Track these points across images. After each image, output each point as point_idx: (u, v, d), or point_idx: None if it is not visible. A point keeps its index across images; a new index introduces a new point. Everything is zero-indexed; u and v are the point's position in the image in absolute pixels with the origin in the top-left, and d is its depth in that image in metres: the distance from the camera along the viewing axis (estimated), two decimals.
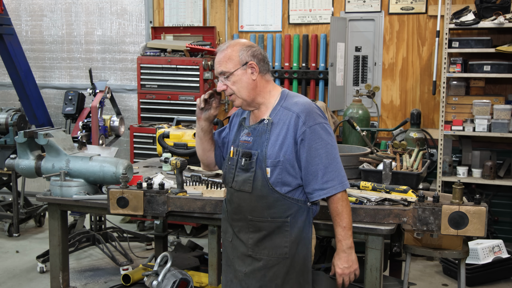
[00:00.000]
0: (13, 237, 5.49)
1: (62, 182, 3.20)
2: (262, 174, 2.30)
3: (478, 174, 4.93)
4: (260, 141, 2.34)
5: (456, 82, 5.02)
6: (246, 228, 2.39)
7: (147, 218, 3.67)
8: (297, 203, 2.34)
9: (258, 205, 2.34)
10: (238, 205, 2.40)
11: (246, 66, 2.32)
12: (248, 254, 2.39)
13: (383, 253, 2.69)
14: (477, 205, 2.51)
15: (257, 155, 2.31)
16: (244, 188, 2.35)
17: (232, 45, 2.35)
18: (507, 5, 4.72)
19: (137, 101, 5.85)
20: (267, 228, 2.35)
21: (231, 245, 2.47)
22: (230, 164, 2.44)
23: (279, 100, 2.38)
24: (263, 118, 2.37)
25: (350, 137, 5.17)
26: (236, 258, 2.44)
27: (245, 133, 2.42)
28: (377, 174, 3.19)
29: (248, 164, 2.33)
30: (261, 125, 2.35)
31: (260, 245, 2.36)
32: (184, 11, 6.17)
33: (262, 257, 2.36)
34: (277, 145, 2.30)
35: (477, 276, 4.34)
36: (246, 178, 2.34)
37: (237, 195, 2.40)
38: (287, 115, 2.31)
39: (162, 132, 3.91)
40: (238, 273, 2.43)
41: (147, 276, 3.17)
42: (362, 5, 5.56)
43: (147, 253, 5.09)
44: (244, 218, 2.39)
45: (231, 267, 2.48)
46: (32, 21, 6.85)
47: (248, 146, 2.38)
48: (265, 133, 2.33)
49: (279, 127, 2.31)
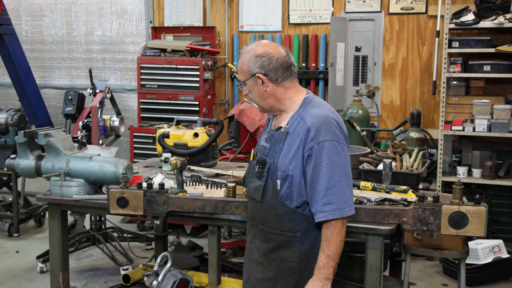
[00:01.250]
0: (13, 237, 5.49)
1: (62, 182, 3.19)
2: (273, 185, 2.22)
3: (478, 174, 4.93)
4: (274, 150, 2.24)
5: (456, 82, 5.02)
6: (259, 236, 2.35)
7: (147, 218, 3.66)
8: (307, 219, 2.23)
9: (268, 216, 2.27)
10: (252, 212, 2.39)
11: (255, 77, 2.24)
12: (260, 261, 2.35)
13: (383, 253, 2.69)
14: (477, 205, 2.51)
15: (270, 164, 2.23)
16: (255, 196, 2.30)
17: (246, 52, 2.27)
18: (507, 5, 4.72)
19: (137, 101, 5.85)
20: (276, 241, 2.27)
21: (249, 247, 2.45)
22: (249, 167, 2.39)
23: (299, 108, 2.25)
24: (280, 125, 2.26)
25: (350, 137, 5.16)
26: (252, 262, 2.42)
27: (264, 138, 2.35)
28: (377, 174, 3.19)
29: (261, 172, 2.25)
30: (278, 133, 2.25)
31: (270, 256, 2.30)
32: (184, 11, 6.18)
33: (271, 268, 2.30)
34: (288, 157, 2.19)
35: (477, 276, 4.34)
36: (258, 186, 2.28)
37: (250, 201, 2.38)
38: (301, 126, 2.18)
39: (162, 132, 3.91)
40: (252, 276, 2.41)
41: (147, 276, 3.17)
42: (362, 5, 5.56)
43: (147, 253, 5.09)
44: (255, 225, 2.37)
45: (247, 268, 2.46)
46: (32, 21, 6.85)
47: (265, 152, 2.30)
48: (280, 142, 2.23)
49: (293, 138, 2.20)
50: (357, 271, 3.44)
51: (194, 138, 3.86)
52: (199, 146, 3.80)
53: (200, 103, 5.52)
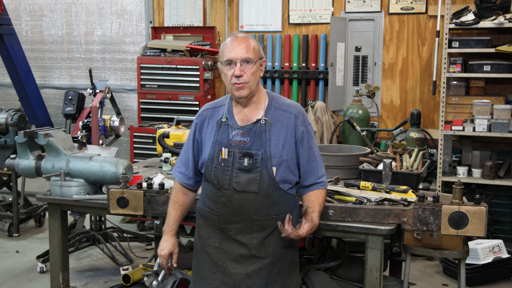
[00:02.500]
0: (13, 237, 5.49)
1: (62, 182, 3.19)
2: (268, 173, 2.35)
3: (478, 174, 4.93)
4: (261, 141, 2.36)
5: (456, 82, 5.02)
6: (249, 229, 2.38)
7: (147, 218, 3.66)
8: (293, 198, 2.47)
9: (264, 204, 2.37)
10: (241, 207, 2.38)
11: (261, 61, 2.41)
12: (250, 254, 2.39)
13: (383, 253, 2.69)
14: (477, 205, 2.51)
15: (261, 155, 2.35)
16: (249, 188, 2.36)
17: (250, 37, 2.41)
18: (507, 5, 4.72)
19: (137, 101, 5.85)
20: (272, 226, 2.39)
21: (217, 250, 2.44)
22: (223, 165, 2.39)
23: (269, 100, 2.46)
24: (258, 118, 2.40)
25: (350, 137, 5.17)
26: (229, 262, 2.41)
27: (238, 134, 2.40)
28: (377, 174, 3.19)
29: (253, 165, 2.34)
30: (258, 125, 2.39)
31: (265, 243, 2.40)
32: (184, 11, 6.18)
33: (267, 255, 2.40)
34: (279, 144, 2.37)
35: (477, 276, 4.34)
36: (251, 178, 2.35)
37: (238, 196, 2.37)
38: (283, 115, 2.42)
39: (162, 132, 3.91)
40: (234, 276, 2.40)
41: (147, 276, 3.16)
42: (362, 5, 5.56)
43: (147, 253, 5.09)
44: (247, 219, 2.38)
45: (218, 273, 2.43)
46: (32, 21, 6.85)
47: (245, 146, 2.38)
48: (265, 133, 2.37)
49: (277, 127, 2.39)
50: (357, 271, 3.44)
51: None
52: None
53: (200, 103, 5.52)
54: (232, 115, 2.46)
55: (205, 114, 2.52)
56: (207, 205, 2.48)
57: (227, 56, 2.35)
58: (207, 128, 2.49)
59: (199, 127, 2.51)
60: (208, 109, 2.53)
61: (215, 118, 2.48)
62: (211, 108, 2.53)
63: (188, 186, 2.58)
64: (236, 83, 2.34)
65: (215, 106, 2.54)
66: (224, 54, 2.37)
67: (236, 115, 2.45)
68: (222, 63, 2.38)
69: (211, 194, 2.44)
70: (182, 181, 2.57)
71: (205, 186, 2.50)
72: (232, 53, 2.34)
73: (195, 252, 2.56)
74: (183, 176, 2.57)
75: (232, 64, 2.35)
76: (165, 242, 2.57)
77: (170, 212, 2.59)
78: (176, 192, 2.61)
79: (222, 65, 2.39)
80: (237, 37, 2.38)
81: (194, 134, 2.53)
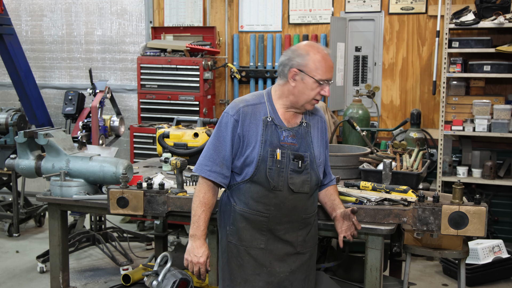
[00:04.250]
0: (13, 237, 5.49)
1: (62, 182, 3.19)
2: (315, 174, 2.47)
3: (478, 174, 4.93)
4: (306, 143, 2.45)
5: (456, 82, 5.02)
6: (296, 227, 2.46)
7: (147, 218, 3.66)
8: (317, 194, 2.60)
9: (309, 203, 2.49)
10: (294, 207, 2.42)
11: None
12: (296, 251, 2.48)
13: (383, 253, 2.69)
14: (477, 205, 2.51)
15: (308, 156, 2.43)
16: (303, 189, 2.42)
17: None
18: (507, 5, 4.72)
19: (137, 101, 5.85)
20: (311, 222, 2.53)
21: (263, 251, 2.42)
22: (279, 167, 2.35)
23: None
24: (300, 121, 2.48)
25: (350, 137, 5.17)
26: (274, 261, 2.43)
27: (288, 135, 2.41)
28: (377, 174, 3.19)
29: (305, 166, 2.41)
30: (302, 128, 2.46)
31: (306, 239, 2.51)
32: (184, 11, 6.18)
33: (307, 250, 2.52)
34: (318, 146, 2.51)
35: (477, 276, 4.34)
36: (304, 179, 2.42)
37: (293, 197, 2.40)
38: (315, 119, 2.55)
39: (162, 132, 3.91)
40: (279, 274, 2.44)
41: (147, 276, 3.16)
42: (362, 5, 5.56)
43: (147, 253, 5.09)
44: (297, 218, 2.45)
45: (262, 274, 2.42)
46: (32, 21, 6.85)
47: (295, 148, 2.42)
48: (307, 136, 2.47)
49: (314, 130, 2.52)
50: (357, 271, 3.45)
51: (194, 138, 3.86)
52: (199, 146, 3.80)
53: (200, 103, 5.52)
54: (277, 115, 2.42)
55: (246, 110, 2.38)
56: (252, 207, 2.40)
57: (324, 77, 2.33)
58: (249, 126, 2.37)
59: (240, 123, 2.36)
60: (248, 105, 2.40)
61: (257, 116, 2.38)
62: (251, 105, 2.40)
63: (224, 186, 2.45)
64: (316, 100, 2.39)
65: (253, 103, 2.42)
66: (321, 73, 2.32)
67: (281, 116, 2.43)
68: (315, 79, 2.32)
69: (259, 196, 2.38)
70: (219, 180, 2.40)
71: (249, 188, 2.39)
72: (329, 74, 2.35)
73: (233, 256, 2.46)
74: (219, 175, 2.39)
75: (323, 84, 2.35)
76: (200, 248, 2.42)
77: (200, 216, 2.40)
78: (205, 193, 2.42)
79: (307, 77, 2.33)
80: (327, 55, 2.35)
81: (234, 130, 2.36)
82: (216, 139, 2.41)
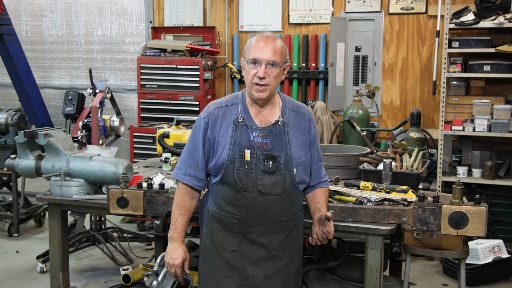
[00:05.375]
0: (13, 237, 5.49)
1: (62, 182, 3.20)
2: (290, 175, 2.37)
3: (478, 174, 4.93)
4: (281, 143, 2.36)
5: (456, 82, 5.02)
6: (271, 231, 2.38)
7: (147, 218, 3.67)
8: (302, 197, 2.50)
9: (285, 206, 2.39)
10: (265, 209, 2.35)
11: (285, 65, 2.40)
12: (271, 256, 2.39)
13: (383, 253, 2.69)
14: (477, 205, 2.51)
15: (283, 156, 2.34)
16: (274, 191, 2.34)
17: (279, 39, 2.37)
18: (507, 5, 4.72)
19: (137, 101, 5.85)
20: (289, 226, 2.43)
21: (235, 254, 2.39)
22: (247, 168, 2.32)
23: (283, 101, 2.47)
24: (276, 119, 2.39)
25: (350, 137, 5.17)
26: (247, 265, 2.39)
27: (260, 135, 2.35)
28: (377, 174, 3.19)
29: (277, 167, 2.33)
30: (277, 127, 2.37)
31: (283, 243, 2.42)
32: (184, 11, 6.18)
33: (285, 255, 2.43)
34: (298, 146, 2.40)
35: (477, 276, 4.35)
36: (276, 180, 2.34)
37: (263, 198, 2.34)
38: (297, 117, 2.44)
39: (162, 132, 3.91)
40: (252, 278, 2.39)
41: (147, 276, 3.16)
42: (362, 5, 5.56)
43: (147, 253, 5.09)
44: (270, 221, 2.37)
45: (234, 276, 2.40)
46: (32, 21, 6.85)
47: (267, 148, 2.34)
48: (284, 135, 2.37)
49: (294, 129, 2.41)
50: (357, 271, 3.44)
51: None
52: None
53: (200, 103, 5.52)
54: (249, 115, 2.39)
55: (217, 112, 2.39)
56: (223, 208, 2.39)
57: (253, 55, 2.30)
58: (220, 128, 2.37)
59: (210, 126, 2.38)
60: (219, 107, 2.40)
61: (228, 117, 2.38)
62: (222, 107, 2.40)
63: (199, 189, 2.46)
64: (258, 83, 2.30)
65: (225, 104, 2.42)
66: (250, 52, 2.31)
67: (253, 116, 2.39)
68: (247, 60, 2.32)
69: (230, 197, 2.37)
70: (193, 184, 2.42)
71: (220, 189, 2.39)
72: (259, 53, 2.29)
73: (206, 257, 2.46)
74: (193, 178, 2.42)
75: (256, 64, 2.30)
76: (176, 250, 2.45)
77: (177, 218, 2.44)
78: (182, 197, 2.45)
79: (245, 62, 2.34)
80: (266, 37, 2.32)
81: (205, 133, 2.39)
82: (190, 143, 2.45)
